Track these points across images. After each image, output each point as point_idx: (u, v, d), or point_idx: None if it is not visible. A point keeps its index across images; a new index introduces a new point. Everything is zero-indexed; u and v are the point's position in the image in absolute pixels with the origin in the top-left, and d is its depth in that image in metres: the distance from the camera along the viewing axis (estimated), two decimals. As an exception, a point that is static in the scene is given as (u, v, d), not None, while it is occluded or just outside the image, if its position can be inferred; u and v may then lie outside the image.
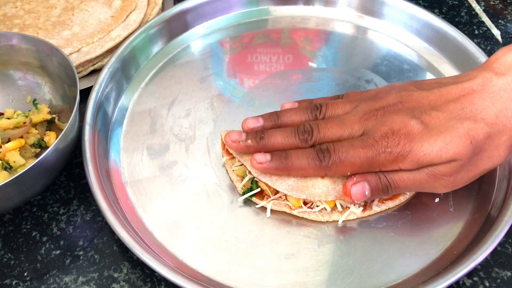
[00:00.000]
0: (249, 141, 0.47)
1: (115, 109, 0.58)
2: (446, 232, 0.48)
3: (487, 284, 0.47)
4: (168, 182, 0.52)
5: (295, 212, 0.49)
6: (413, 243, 0.47)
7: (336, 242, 0.48)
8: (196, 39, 0.66)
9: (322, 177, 0.47)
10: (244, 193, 0.50)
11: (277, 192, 0.49)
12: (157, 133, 0.56)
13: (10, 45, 0.56)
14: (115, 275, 0.48)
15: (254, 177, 0.49)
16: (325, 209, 0.48)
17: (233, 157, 0.51)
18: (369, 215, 0.49)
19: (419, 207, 0.50)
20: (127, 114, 0.58)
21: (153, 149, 0.55)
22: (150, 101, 0.59)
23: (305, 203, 0.49)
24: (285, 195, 0.49)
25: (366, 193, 0.44)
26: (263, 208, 0.50)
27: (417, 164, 0.43)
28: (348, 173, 0.46)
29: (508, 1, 0.75)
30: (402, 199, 0.49)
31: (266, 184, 0.48)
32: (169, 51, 0.64)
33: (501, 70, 0.44)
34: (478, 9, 0.74)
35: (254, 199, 0.50)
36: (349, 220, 0.49)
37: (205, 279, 0.45)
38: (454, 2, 0.75)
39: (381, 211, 0.49)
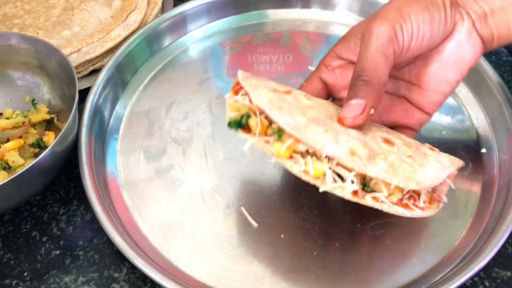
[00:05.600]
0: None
1: (113, 112, 0.58)
2: (444, 241, 0.48)
3: (487, 284, 0.47)
4: (164, 185, 0.52)
5: (275, 159, 0.43)
6: (410, 251, 0.47)
7: (332, 249, 0.47)
8: (195, 41, 0.65)
9: (326, 130, 0.42)
10: (230, 123, 0.45)
11: (266, 135, 0.44)
12: (154, 136, 0.56)
13: (9, 45, 0.56)
14: (115, 275, 0.48)
15: (247, 113, 0.44)
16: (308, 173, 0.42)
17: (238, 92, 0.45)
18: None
19: (416, 216, 0.49)
20: (124, 116, 0.58)
21: (150, 152, 0.55)
22: (148, 104, 0.59)
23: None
24: (273, 141, 0.43)
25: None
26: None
27: None
28: None
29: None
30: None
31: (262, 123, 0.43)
32: (168, 54, 0.64)
33: None
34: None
35: (240, 132, 0.44)
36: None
37: (199, 284, 0.45)
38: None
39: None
